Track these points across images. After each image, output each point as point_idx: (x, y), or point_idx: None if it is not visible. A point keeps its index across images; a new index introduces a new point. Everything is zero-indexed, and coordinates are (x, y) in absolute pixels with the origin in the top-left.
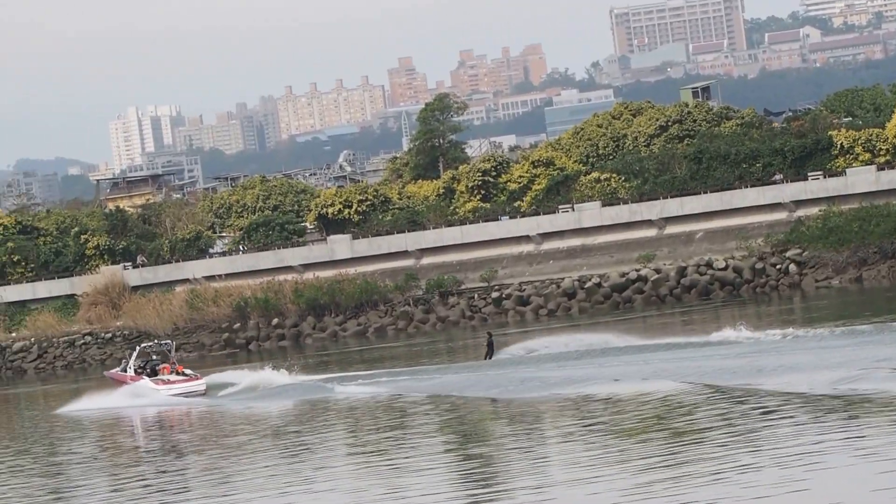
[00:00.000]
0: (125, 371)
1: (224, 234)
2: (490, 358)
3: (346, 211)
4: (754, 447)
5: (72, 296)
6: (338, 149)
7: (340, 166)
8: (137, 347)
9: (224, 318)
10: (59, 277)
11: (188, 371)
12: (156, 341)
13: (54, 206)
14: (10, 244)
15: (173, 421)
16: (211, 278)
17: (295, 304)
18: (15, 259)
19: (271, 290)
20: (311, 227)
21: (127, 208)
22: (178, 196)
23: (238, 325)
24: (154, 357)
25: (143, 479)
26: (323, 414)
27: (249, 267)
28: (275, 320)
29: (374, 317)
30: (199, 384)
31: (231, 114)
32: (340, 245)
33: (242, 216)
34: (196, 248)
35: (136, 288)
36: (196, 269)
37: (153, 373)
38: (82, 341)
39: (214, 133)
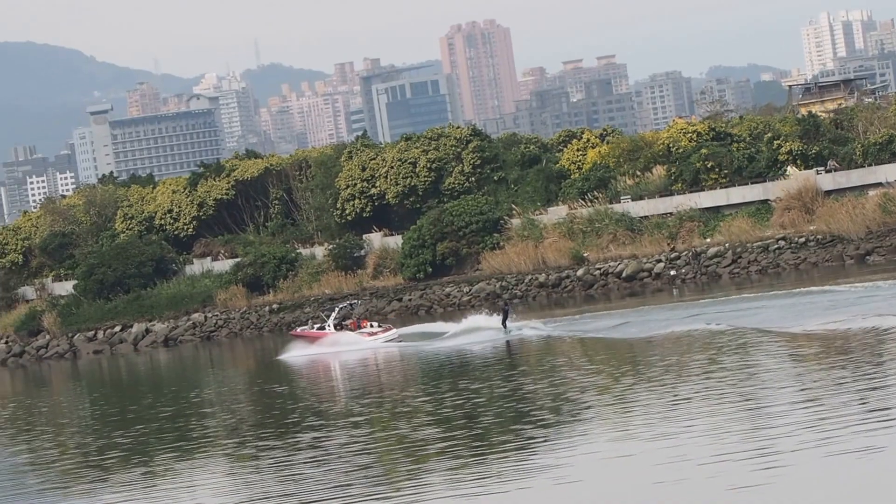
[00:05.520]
0: (323, 328)
1: None
2: (505, 325)
3: None
4: None
5: (765, 201)
6: None
7: None
8: (336, 308)
9: None
10: (752, 183)
11: (374, 324)
12: (347, 303)
13: (747, 113)
14: (703, 151)
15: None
16: None
17: None
18: (709, 165)
19: None
20: None
21: (819, 113)
22: (870, 100)
23: None
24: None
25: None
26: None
27: None
28: None
29: None
30: (394, 333)
31: None
32: None
33: None
34: (888, 151)
35: (828, 192)
36: (889, 172)
37: (340, 327)
38: (776, 246)
39: None
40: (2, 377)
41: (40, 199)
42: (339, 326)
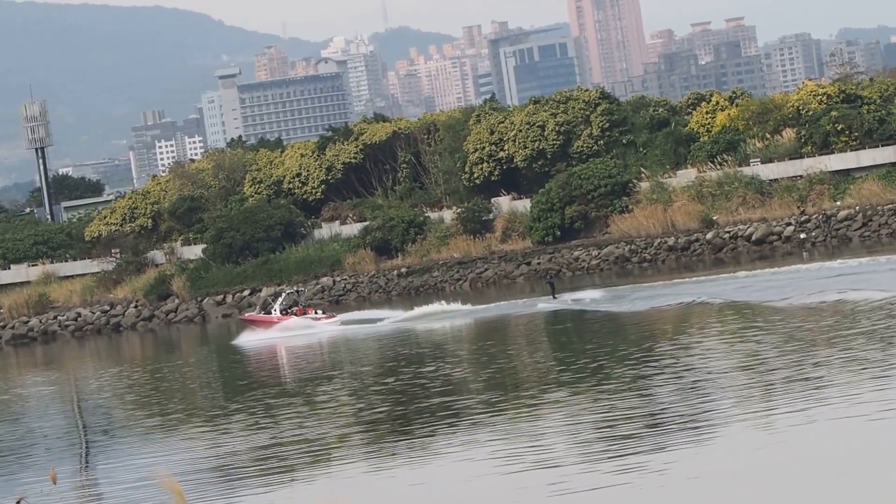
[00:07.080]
0: (269, 313)
1: None
2: (554, 296)
3: None
4: None
5: (895, 163)
6: None
7: None
8: (283, 293)
9: None
10: (882, 145)
11: (319, 311)
12: (294, 289)
13: (877, 75)
14: (833, 113)
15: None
16: None
17: None
18: (839, 128)
19: None
20: None
21: None
22: None
23: None
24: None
25: None
26: None
27: None
28: None
29: None
30: (336, 319)
31: None
32: None
33: None
34: None
35: None
36: None
37: (287, 314)
38: None
39: None
40: (132, 341)
41: (169, 164)
42: (285, 313)
